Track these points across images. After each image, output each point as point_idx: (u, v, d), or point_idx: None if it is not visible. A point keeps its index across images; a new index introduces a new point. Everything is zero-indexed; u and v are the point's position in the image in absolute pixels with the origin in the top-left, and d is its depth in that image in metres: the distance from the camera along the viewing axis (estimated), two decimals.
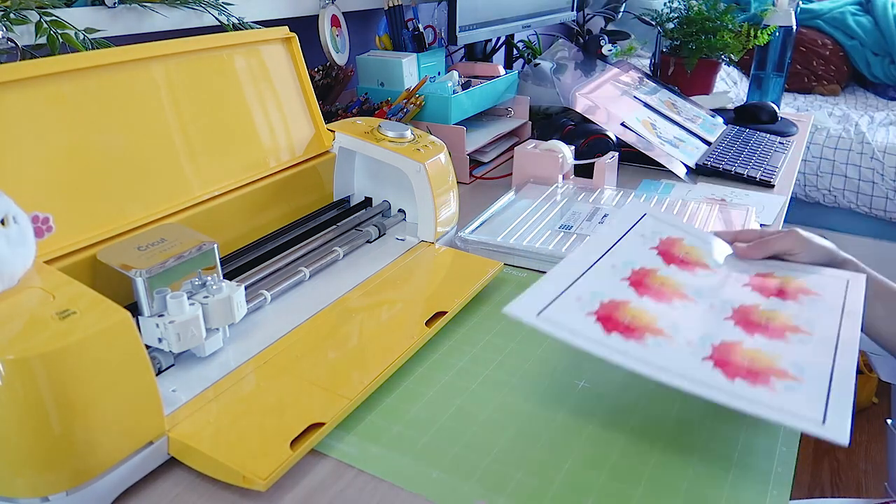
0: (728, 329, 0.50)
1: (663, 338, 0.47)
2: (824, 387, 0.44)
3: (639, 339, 0.46)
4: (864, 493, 1.56)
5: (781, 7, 1.49)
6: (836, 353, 0.47)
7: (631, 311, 0.50)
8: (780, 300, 0.55)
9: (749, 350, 0.47)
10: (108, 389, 0.43)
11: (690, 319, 0.50)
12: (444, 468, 0.49)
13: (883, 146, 1.93)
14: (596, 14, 1.68)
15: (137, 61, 0.61)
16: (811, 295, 0.56)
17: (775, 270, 0.61)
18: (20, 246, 0.45)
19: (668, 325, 0.48)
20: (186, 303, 0.52)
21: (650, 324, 0.48)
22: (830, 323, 0.52)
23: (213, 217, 0.65)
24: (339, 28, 1.11)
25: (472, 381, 0.58)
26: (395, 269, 0.72)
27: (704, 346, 0.47)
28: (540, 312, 0.48)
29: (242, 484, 0.45)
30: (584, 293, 0.51)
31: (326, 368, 0.56)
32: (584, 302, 0.50)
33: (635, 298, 0.52)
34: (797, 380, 0.44)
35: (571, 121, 1.18)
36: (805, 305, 0.54)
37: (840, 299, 0.55)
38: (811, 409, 0.43)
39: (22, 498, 0.41)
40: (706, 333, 0.48)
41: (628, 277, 0.55)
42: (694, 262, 0.60)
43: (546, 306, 0.49)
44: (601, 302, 0.50)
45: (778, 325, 0.51)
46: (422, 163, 0.74)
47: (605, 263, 0.56)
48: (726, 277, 0.59)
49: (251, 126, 0.72)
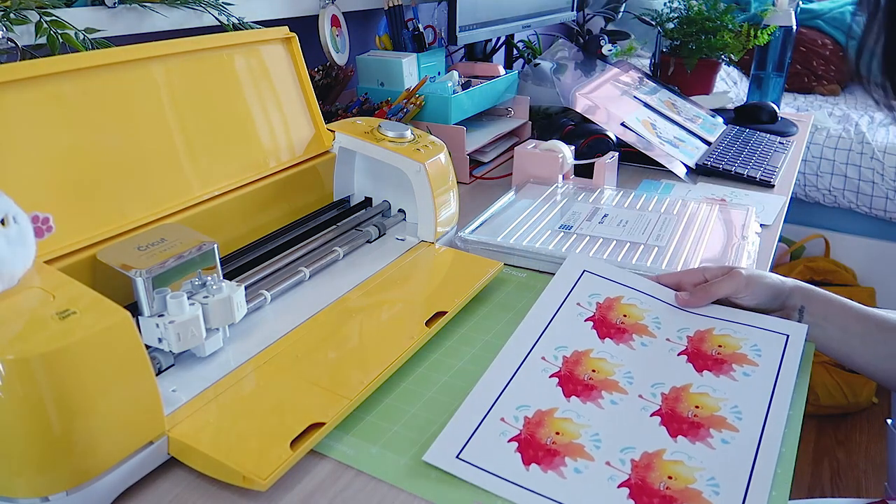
0: (653, 431, 0.51)
1: (583, 460, 0.48)
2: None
3: (558, 469, 0.47)
4: (864, 494, 1.56)
5: (781, 7, 1.49)
6: (756, 455, 0.48)
7: (556, 425, 0.51)
8: (713, 376, 0.56)
9: (669, 463, 0.48)
10: (108, 389, 0.43)
11: (616, 423, 0.51)
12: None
13: (883, 146, 1.93)
14: (596, 14, 1.68)
15: (137, 61, 0.61)
16: (746, 366, 0.56)
17: (715, 326, 0.61)
18: (20, 246, 0.45)
19: (590, 439, 0.50)
20: (186, 303, 0.52)
21: (573, 439, 0.50)
22: (760, 407, 0.52)
23: (213, 217, 0.65)
24: (339, 28, 1.11)
25: (471, 382, 0.58)
26: (395, 269, 0.72)
27: (624, 465, 0.48)
28: (459, 452, 0.49)
29: (242, 484, 0.45)
30: (509, 409, 0.52)
31: (326, 368, 0.56)
32: (507, 423, 0.51)
33: (563, 404, 0.53)
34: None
35: (571, 121, 1.18)
36: (738, 383, 0.55)
37: (776, 364, 0.56)
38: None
39: (22, 498, 0.41)
40: (628, 444, 0.49)
41: (558, 371, 0.56)
42: (631, 328, 0.61)
43: (467, 441, 0.49)
44: (526, 418, 0.51)
45: (704, 418, 0.52)
46: (422, 163, 0.74)
47: (537, 355, 0.57)
48: (662, 346, 0.59)
49: (251, 126, 0.72)
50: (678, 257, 0.78)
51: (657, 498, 0.45)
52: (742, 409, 0.52)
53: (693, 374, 0.56)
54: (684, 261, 0.77)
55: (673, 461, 0.48)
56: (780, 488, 0.47)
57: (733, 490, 0.46)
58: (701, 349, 0.58)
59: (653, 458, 0.48)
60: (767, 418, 0.51)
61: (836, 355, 0.62)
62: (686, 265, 0.76)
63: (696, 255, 0.79)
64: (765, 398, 0.53)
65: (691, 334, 0.60)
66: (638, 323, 0.61)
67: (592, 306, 0.63)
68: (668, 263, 0.76)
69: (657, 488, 0.46)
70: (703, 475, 0.47)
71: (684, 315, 0.62)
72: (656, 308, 0.63)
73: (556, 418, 0.52)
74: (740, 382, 0.55)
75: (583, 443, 0.50)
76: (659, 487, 0.46)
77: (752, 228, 0.86)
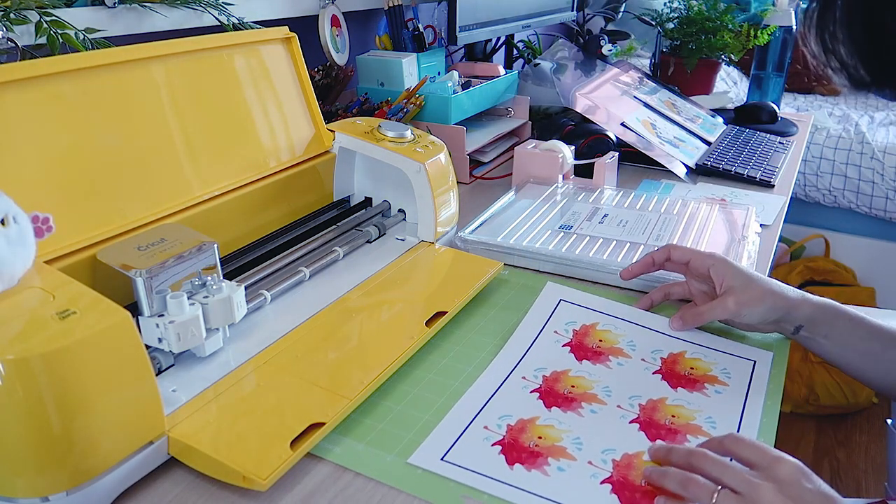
0: (632, 435, 0.52)
1: (566, 460, 0.49)
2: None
3: (541, 468, 0.48)
4: (864, 494, 1.56)
5: (781, 7, 1.49)
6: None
7: (538, 430, 0.52)
8: (687, 392, 0.57)
9: (649, 463, 0.49)
10: (108, 389, 0.43)
11: (596, 428, 0.53)
12: None
13: (883, 146, 1.93)
14: (596, 14, 1.68)
15: (137, 61, 0.61)
16: (717, 385, 0.58)
17: (687, 350, 0.63)
18: (20, 246, 0.45)
19: (573, 441, 0.51)
20: (186, 303, 0.52)
21: (555, 442, 0.51)
22: (733, 417, 0.54)
23: (213, 217, 0.65)
24: (339, 28, 1.11)
25: (469, 382, 0.58)
26: (395, 269, 0.72)
27: (606, 464, 0.49)
28: (444, 455, 0.50)
29: (242, 484, 0.45)
30: (492, 418, 0.53)
31: (326, 368, 0.56)
32: (490, 431, 0.52)
33: (544, 413, 0.54)
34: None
35: (571, 121, 1.18)
36: (711, 398, 0.57)
37: (745, 386, 0.58)
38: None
39: (22, 498, 0.41)
40: (609, 445, 0.51)
41: (539, 388, 0.57)
42: (607, 350, 0.63)
43: (452, 445, 0.50)
44: (508, 425, 0.53)
45: (680, 426, 0.53)
46: (422, 163, 0.74)
47: (517, 375, 0.59)
48: (638, 365, 0.61)
49: (251, 126, 0.72)
50: None
51: (639, 493, 0.47)
52: (716, 419, 0.54)
53: (668, 389, 0.58)
54: None
55: (652, 461, 0.50)
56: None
57: None
58: (674, 370, 0.60)
59: (633, 459, 0.50)
60: (740, 427, 0.54)
61: (834, 364, 0.63)
62: None
63: None
64: (737, 410, 0.56)
65: (664, 356, 0.62)
66: (614, 346, 0.63)
67: (569, 333, 0.65)
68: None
69: (639, 485, 0.47)
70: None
71: (658, 338, 0.65)
72: (630, 332, 0.66)
73: (538, 425, 0.53)
74: (712, 398, 0.57)
75: (565, 445, 0.51)
76: (641, 484, 0.47)
77: (752, 228, 0.86)
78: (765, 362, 0.62)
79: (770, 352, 0.63)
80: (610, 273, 0.75)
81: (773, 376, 0.60)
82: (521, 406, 0.55)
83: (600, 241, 0.82)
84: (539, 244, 0.81)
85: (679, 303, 0.71)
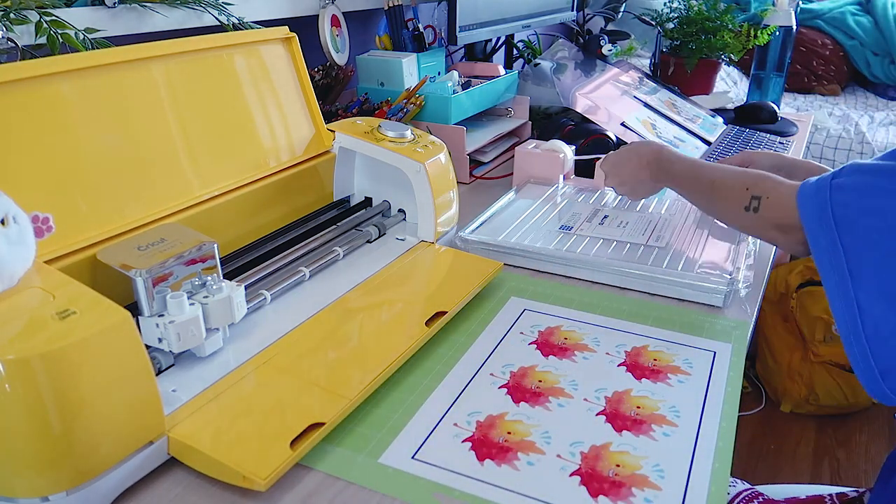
0: (599, 427, 0.54)
1: (535, 454, 0.50)
2: (681, 494, 0.47)
3: (511, 463, 0.50)
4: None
5: (781, 7, 1.49)
6: (695, 447, 0.52)
7: (507, 426, 0.53)
8: (651, 382, 0.59)
9: (616, 454, 0.51)
10: (108, 389, 0.43)
11: (564, 422, 0.54)
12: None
13: (883, 146, 1.93)
14: (596, 14, 1.68)
15: (137, 61, 0.61)
16: (680, 375, 0.60)
17: (649, 344, 0.65)
18: (20, 246, 0.45)
19: (541, 435, 0.52)
20: (186, 303, 0.52)
21: (524, 437, 0.52)
22: (696, 406, 0.56)
23: (213, 217, 0.65)
24: (339, 28, 1.11)
25: (439, 380, 0.58)
26: (395, 269, 0.72)
27: (574, 457, 0.50)
28: (415, 453, 0.50)
29: (242, 484, 0.45)
30: (461, 415, 0.55)
31: (326, 368, 0.56)
32: (460, 427, 0.53)
33: (513, 408, 0.55)
34: (657, 488, 0.47)
35: (571, 121, 1.18)
36: (674, 388, 0.59)
37: (706, 375, 0.60)
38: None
39: (22, 498, 0.41)
40: (577, 438, 0.52)
41: (507, 383, 0.59)
42: (572, 346, 0.64)
43: (422, 443, 0.51)
44: (478, 422, 0.54)
45: (646, 416, 0.55)
46: (422, 163, 0.74)
47: (485, 372, 0.60)
48: (603, 358, 0.63)
49: (251, 126, 0.72)
50: (679, 258, 0.78)
51: (607, 483, 0.48)
52: (679, 408, 0.56)
53: (633, 380, 0.60)
54: (685, 261, 0.77)
55: (619, 452, 0.51)
56: (721, 460, 0.50)
57: (677, 473, 0.49)
58: (638, 361, 0.62)
59: (600, 450, 0.51)
60: (703, 415, 0.55)
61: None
62: (686, 265, 0.76)
63: (696, 256, 0.78)
64: (699, 399, 0.57)
65: (628, 349, 0.64)
66: (578, 343, 0.65)
67: (535, 333, 0.67)
68: (668, 264, 0.76)
69: (606, 475, 0.49)
70: (648, 462, 0.50)
71: (620, 335, 0.67)
72: (594, 331, 0.67)
73: (507, 420, 0.54)
74: (675, 388, 0.59)
75: (534, 440, 0.52)
76: (608, 475, 0.49)
77: None
78: (724, 353, 0.64)
79: (729, 343, 0.65)
80: (610, 274, 0.75)
81: (733, 364, 0.62)
82: (489, 402, 0.56)
83: (600, 242, 0.82)
84: (539, 244, 0.81)
85: (641, 308, 0.71)
